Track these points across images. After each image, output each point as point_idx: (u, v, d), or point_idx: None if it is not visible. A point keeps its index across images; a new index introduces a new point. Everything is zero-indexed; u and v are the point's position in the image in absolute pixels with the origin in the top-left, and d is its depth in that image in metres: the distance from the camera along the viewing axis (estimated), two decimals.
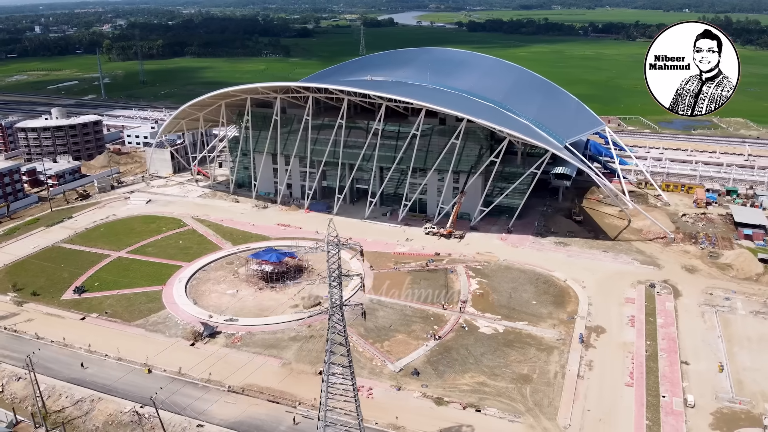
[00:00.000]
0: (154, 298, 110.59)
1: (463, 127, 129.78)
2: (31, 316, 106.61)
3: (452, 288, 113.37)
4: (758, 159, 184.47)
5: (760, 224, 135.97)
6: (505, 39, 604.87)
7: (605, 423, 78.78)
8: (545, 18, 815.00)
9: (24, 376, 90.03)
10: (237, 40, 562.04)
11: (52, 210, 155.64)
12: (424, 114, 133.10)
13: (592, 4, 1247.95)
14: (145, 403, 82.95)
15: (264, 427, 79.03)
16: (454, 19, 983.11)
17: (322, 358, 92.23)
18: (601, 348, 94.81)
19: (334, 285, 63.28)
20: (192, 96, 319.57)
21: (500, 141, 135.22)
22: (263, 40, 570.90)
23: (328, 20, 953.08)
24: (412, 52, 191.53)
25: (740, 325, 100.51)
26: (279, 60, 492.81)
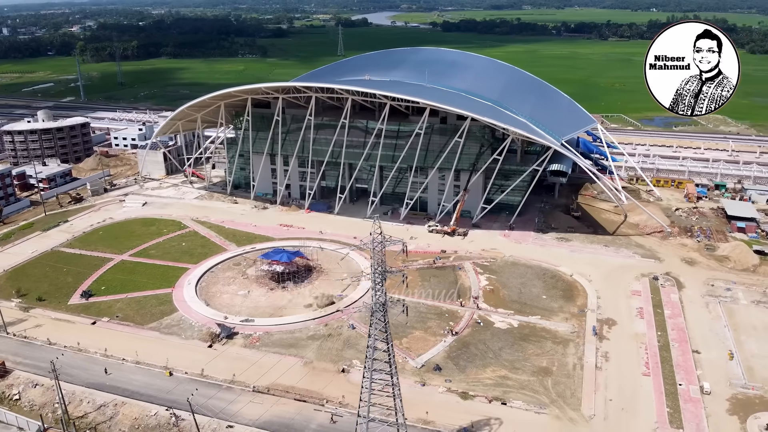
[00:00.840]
0: (165, 301, 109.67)
1: (467, 125, 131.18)
2: (39, 321, 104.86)
3: (462, 284, 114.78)
4: (741, 154, 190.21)
5: (752, 217, 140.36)
6: (480, 39, 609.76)
7: (628, 412, 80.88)
8: (518, 18, 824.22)
9: (41, 383, 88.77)
10: (212, 40, 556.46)
11: (46, 214, 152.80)
12: (427, 113, 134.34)
13: (562, 4, 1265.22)
14: (170, 405, 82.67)
15: (294, 426, 79.21)
16: (428, 19, 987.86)
17: (342, 356, 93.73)
18: (614, 340, 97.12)
19: (378, 283, 63.28)
20: (173, 97, 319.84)
21: (500, 139, 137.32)
22: (239, 41, 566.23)
23: (302, 20, 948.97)
24: (403, 52, 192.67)
25: (744, 314, 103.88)
26: (257, 60, 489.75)
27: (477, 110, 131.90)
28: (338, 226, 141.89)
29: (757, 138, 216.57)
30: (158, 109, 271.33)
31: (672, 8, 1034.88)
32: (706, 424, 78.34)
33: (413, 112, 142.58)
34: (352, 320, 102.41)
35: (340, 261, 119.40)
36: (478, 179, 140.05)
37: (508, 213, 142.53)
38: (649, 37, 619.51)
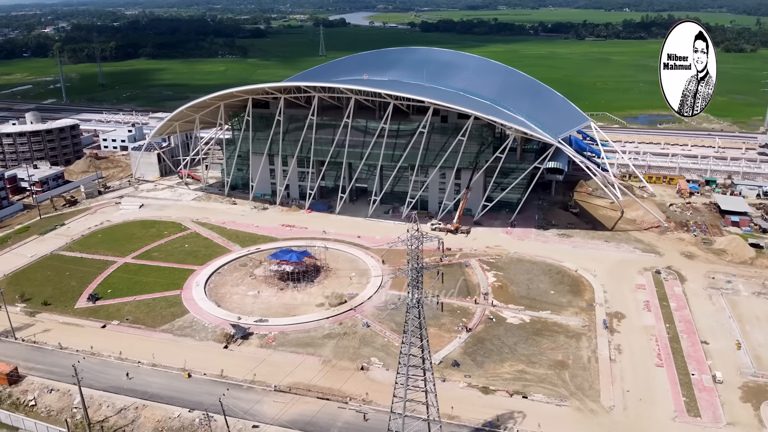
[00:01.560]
0: (175, 303, 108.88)
1: (470, 124, 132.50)
2: (47, 326, 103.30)
3: (470, 281, 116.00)
4: (728, 150, 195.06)
5: (744, 211, 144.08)
6: (460, 39, 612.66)
7: (646, 402, 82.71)
8: (495, 18, 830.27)
9: (57, 388, 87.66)
10: (190, 41, 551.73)
11: (41, 217, 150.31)
12: (427, 111, 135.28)
13: (536, 4, 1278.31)
14: (193, 407, 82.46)
15: (320, 424, 79.43)
16: (405, 19, 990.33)
17: (360, 353, 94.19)
18: (624, 332, 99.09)
19: (415, 279, 63.95)
20: (156, 98, 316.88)
21: (500, 137, 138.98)
22: (218, 41, 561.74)
23: (278, 20, 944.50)
24: (396, 52, 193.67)
25: (746, 305, 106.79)
26: (237, 61, 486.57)
27: (480, 109, 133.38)
28: (340, 225, 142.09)
29: (740, 134, 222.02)
30: (143, 111, 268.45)
31: (644, 8, 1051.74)
32: (722, 412, 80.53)
33: (413, 111, 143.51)
34: (366, 318, 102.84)
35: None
36: (479, 177, 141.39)
37: (508, 210, 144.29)
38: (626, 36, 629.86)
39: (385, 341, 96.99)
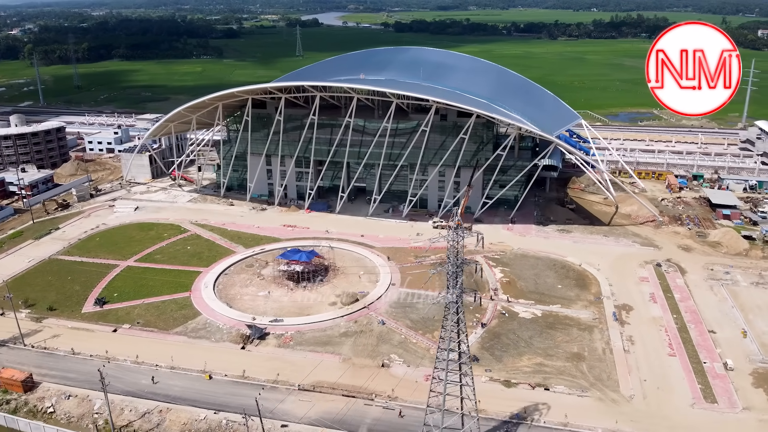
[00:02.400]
0: (185, 305, 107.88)
1: (472, 122, 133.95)
2: (55, 331, 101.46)
3: (478, 277, 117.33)
4: (710, 146, 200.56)
5: (733, 204, 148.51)
6: (435, 40, 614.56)
7: (663, 390, 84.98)
8: (467, 18, 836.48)
9: (74, 393, 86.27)
10: (164, 41, 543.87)
11: (34, 221, 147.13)
12: (425, 110, 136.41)
13: (506, 5, 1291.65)
14: (218, 408, 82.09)
15: (348, 421, 79.70)
16: (378, 19, 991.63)
17: (378, 351, 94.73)
18: (634, 324, 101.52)
19: (454, 276, 64.79)
20: (135, 100, 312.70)
21: (500, 135, 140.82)
22: (191, 42, 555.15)
23: (250, 21, 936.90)
24: (388, 52, 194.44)
25: (747, 295, 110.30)
26: (213, 61, 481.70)
27: (482, 107, 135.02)
28: (342, 225, 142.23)
29: (720, 131, 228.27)
30: (125, 112, 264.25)
31: (612, 8, 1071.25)
32: (737, 398, 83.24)
33: (411, 110, 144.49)
34: (381, 316, 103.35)
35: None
36: (478, 175, 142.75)
37: (506, 207, 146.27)
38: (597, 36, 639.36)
39: (402, 338, 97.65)
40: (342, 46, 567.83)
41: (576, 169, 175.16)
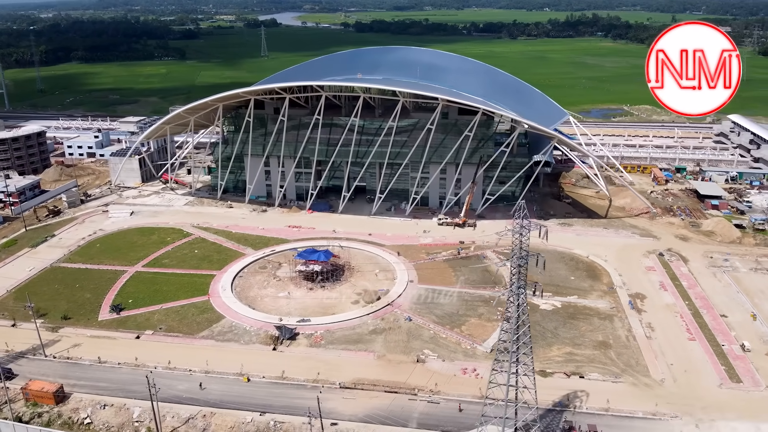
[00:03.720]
0: (206, 309, 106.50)
1: (477, 119, 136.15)
2: (75, 340, 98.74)
3: (493, 271, 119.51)
4: (686, 140, 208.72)
5: (719, 195, 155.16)
6: (398, 39, 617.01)
7: (691, 373, 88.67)
8: (426, 18, 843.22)
9: (110, 403, 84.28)
10: (122, 43, 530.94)
11: (27, 229, 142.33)
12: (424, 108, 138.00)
13: (461, 5, 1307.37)
14: (263, 410, 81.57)
15: (396, 417, 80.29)
16: (335, 19, 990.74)
17: (411, 347, 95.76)
18: (650, 311, 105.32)
19: (519, 266, 66.30)
20: (103, 103, 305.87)
21: (502, 133, 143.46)
22: (151, 43, 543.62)
23: (206, 21, 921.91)
24: (376, 52, 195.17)
25: (748, 280, 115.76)
26: (176, 63, 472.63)
27: (488, 105, 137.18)
28: (347, 224, 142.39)
29: (693, 125, 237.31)
30: (100, 116, 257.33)
31: (563, 8, 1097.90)
32: (759, 377, 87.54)
33: (413, 108, 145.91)
34: (406, 313, 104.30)
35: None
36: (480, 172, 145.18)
37: (506, 203, 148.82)
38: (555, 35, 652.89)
39: (431, 333, 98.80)
40: (307, 46, 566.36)
41: (564, 164, 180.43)
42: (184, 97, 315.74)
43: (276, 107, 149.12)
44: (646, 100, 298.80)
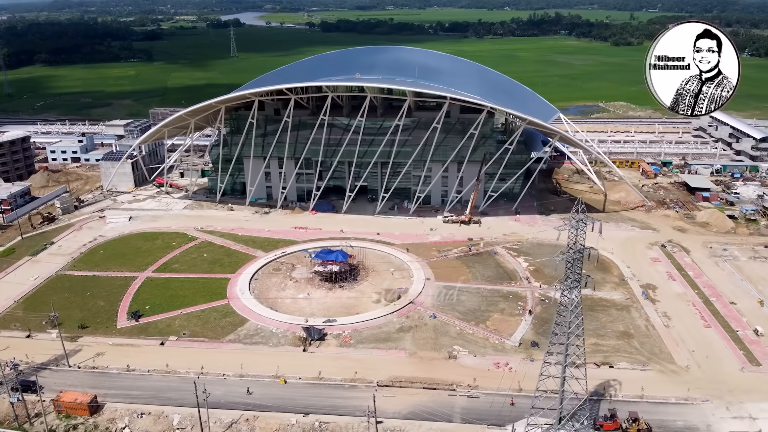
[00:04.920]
0: (228, 313, 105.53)
1: (483, 118, 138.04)
2: (96, 349, 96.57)
3: (506, 267, 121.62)
4: (666, 135, 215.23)
5: (707, 187, 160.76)
6: (367, 39, 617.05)
7: (713, 359, 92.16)
8: (391, 18, 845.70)
9: (147, 411, 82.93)
10: (85, 45, 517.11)
11: (23, 237, 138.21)
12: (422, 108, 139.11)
13: (422, 4, 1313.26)
14: (307, 411, 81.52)
15: (438, 412, 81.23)
16: (298, 19, 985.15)
17: (440, 343, 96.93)
18: (664, 301, 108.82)
19: (576, 260, 67.90)
20: (75, 107, 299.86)
21: (503, 131, 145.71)
22: (115, 45, 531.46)
23: (167, 22, 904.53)
24: (368, 51, 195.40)
25: (749, 268, 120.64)
26: (143, 65, 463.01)
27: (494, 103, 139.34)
28: (353, 224, 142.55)
29: (671, 120, 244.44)
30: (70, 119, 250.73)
31: (523, 6, 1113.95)
32: None
33: (416, 107, 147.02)
34: (430, 310, 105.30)
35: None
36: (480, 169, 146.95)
37: (506, 200, 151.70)
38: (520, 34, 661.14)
39: (458, 330, 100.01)
40: (276, 47, 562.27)
41: (554, 160, 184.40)
42: (158, 99, 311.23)
43: (276, 108, 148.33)
44: (620, 97, 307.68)
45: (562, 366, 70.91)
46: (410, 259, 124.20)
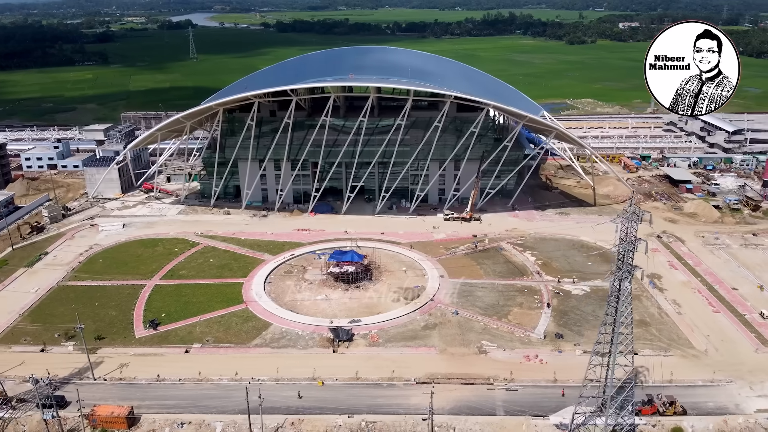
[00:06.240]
0: (248, 317, 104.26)
1: (482, 116, 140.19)
2: (119, 360, 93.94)
3: (515, 262, 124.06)
4: (638, 130, 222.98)
5: (689, 179, 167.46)
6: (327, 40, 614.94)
7: (728, 342, 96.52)
8: (346, 18, 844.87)
9: (187, 420, 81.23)
10: (36, 49, 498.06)
11: (14, 248, 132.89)
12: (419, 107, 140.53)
13: (374, 5, 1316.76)
14: (353, 412, 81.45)
15: (481, 407, 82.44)
16: (251, 20, 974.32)
17: (467, 339, 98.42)
18: (671, 289, 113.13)
19: (625, 254, 70.04)
20: (37, 112, 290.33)
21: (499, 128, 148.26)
22: (68, 48, 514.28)
23: (115, 24, 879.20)
24: (352, 52, 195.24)
25: (743, 256, 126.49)
26: (101, 68, 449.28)
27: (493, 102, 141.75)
28: (355, 224, 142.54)
29: (637, 116, 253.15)
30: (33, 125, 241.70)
31: (474, 6, 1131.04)
32: None
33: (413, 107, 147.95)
34: (451, 307, 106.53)
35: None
36: (476, 167, 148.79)
37: (501, 196, 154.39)
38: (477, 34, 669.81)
39: (482, 325, 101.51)
40: (235, 48, 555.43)
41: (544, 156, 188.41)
42: (124, 103, 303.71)
43: (272, 110, 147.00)
44: (586, 94, 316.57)
45: (612, 354, 73.00)
46: (420, 257, 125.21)
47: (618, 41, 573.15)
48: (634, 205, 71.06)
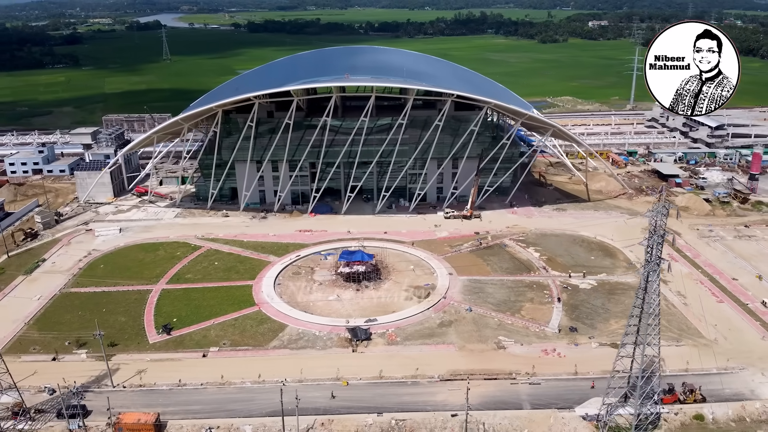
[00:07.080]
0: (263, 319, 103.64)
1: (483, 115, 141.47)
2: (136, 366, 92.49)
3: (520, 258, 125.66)
4: (621, 126, 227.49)
5: (677, 174, 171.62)
6: (300, 40, 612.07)
7: (735, 331, 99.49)
8: (318, 18, 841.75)
9: (215, 425, 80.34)
10: (4, 52, 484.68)
11: (9, 255, 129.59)
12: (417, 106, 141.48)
13: (343, 5, 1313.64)
14: (381, 411, 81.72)
15: (507, 401, 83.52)
16: (220, 20, 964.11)
17: (484, 335, 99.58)
18: (674, 281, 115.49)
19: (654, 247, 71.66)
20: (12, 116, 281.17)
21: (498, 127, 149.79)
22: (36, 50, 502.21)
23: (82, 26, 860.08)
24: (343, 52, 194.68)
25: (738, 247, 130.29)
26: (72, 70, 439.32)
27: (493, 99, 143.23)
28: (356, 224, 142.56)
29: (618, 112, 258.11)
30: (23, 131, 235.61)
31: (443, 6, 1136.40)
32: None
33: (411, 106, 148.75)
34: (464, 304, 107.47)
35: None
36: (474, 165, 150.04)
37: (498, 194, 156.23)
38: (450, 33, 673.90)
39: (496, 321, 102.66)
40: (208, 48, 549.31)
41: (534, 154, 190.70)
42: (101, 106, 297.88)
43: (270, 111, 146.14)
44: (564, 92, 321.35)
45: (642, 345, 74.69)
46: (427, 255, 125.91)
47: (589, 39, 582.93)
48: (665, 200, 71.08)
